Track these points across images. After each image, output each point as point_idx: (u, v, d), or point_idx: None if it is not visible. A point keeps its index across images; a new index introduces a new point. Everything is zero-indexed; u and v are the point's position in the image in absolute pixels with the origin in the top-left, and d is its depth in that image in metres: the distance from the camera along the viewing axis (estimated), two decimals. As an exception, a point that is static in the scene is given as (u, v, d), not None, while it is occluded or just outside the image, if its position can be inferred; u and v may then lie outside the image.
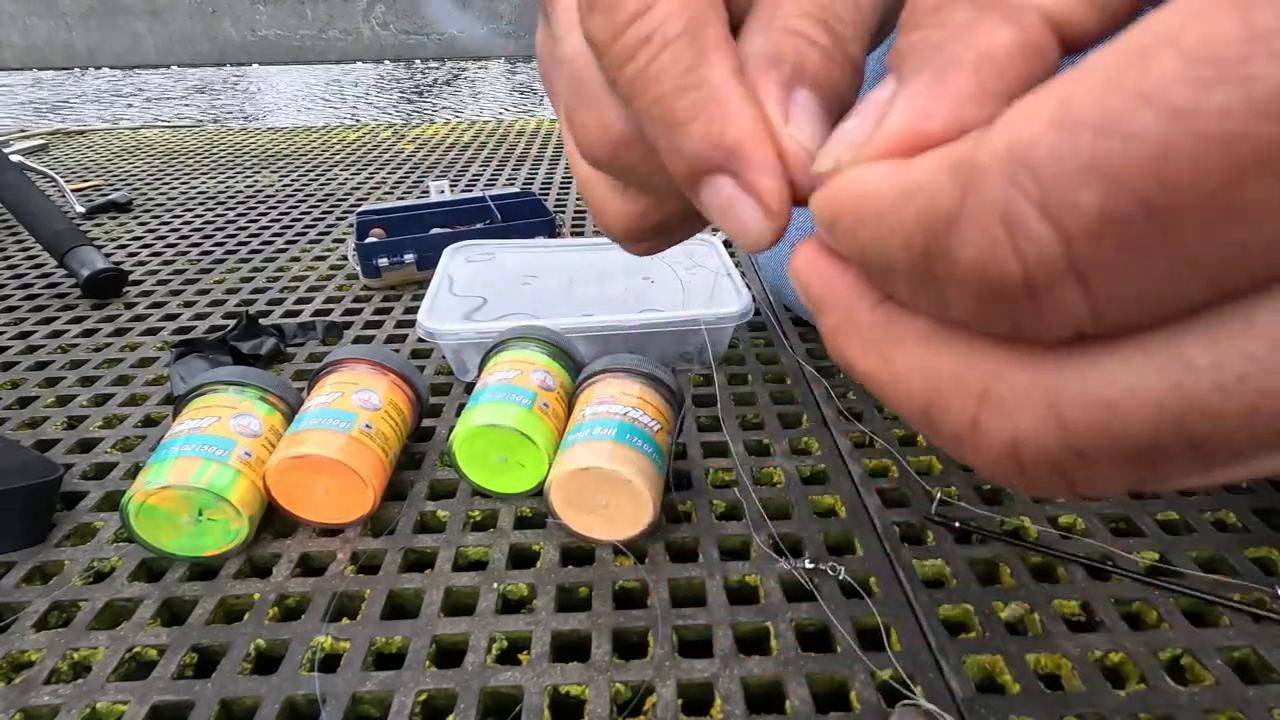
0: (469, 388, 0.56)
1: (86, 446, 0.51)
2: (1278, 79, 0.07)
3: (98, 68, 3.41)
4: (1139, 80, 0.08)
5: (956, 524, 0.41)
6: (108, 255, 0.78)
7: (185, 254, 0.86)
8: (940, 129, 0.10)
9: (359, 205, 1.01)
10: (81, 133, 1.50)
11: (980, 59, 0.10)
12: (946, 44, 0.11)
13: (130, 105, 2.51)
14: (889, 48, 0.12)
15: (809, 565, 0.38)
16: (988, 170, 0.09)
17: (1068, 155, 0.08)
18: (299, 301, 0.72)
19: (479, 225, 0.82)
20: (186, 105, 2.54)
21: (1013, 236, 0.09)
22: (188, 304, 0.73)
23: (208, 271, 0.81)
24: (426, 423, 0.52)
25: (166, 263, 0.83)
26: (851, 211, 0.11)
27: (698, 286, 0.61)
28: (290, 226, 0.94)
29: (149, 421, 0.53)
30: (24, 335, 0.67)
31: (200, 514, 0.39)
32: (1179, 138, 0.08)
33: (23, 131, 1.51)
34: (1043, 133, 0.08)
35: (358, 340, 0.65)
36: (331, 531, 0.42)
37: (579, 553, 0.41)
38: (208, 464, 0.39)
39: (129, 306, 0.72)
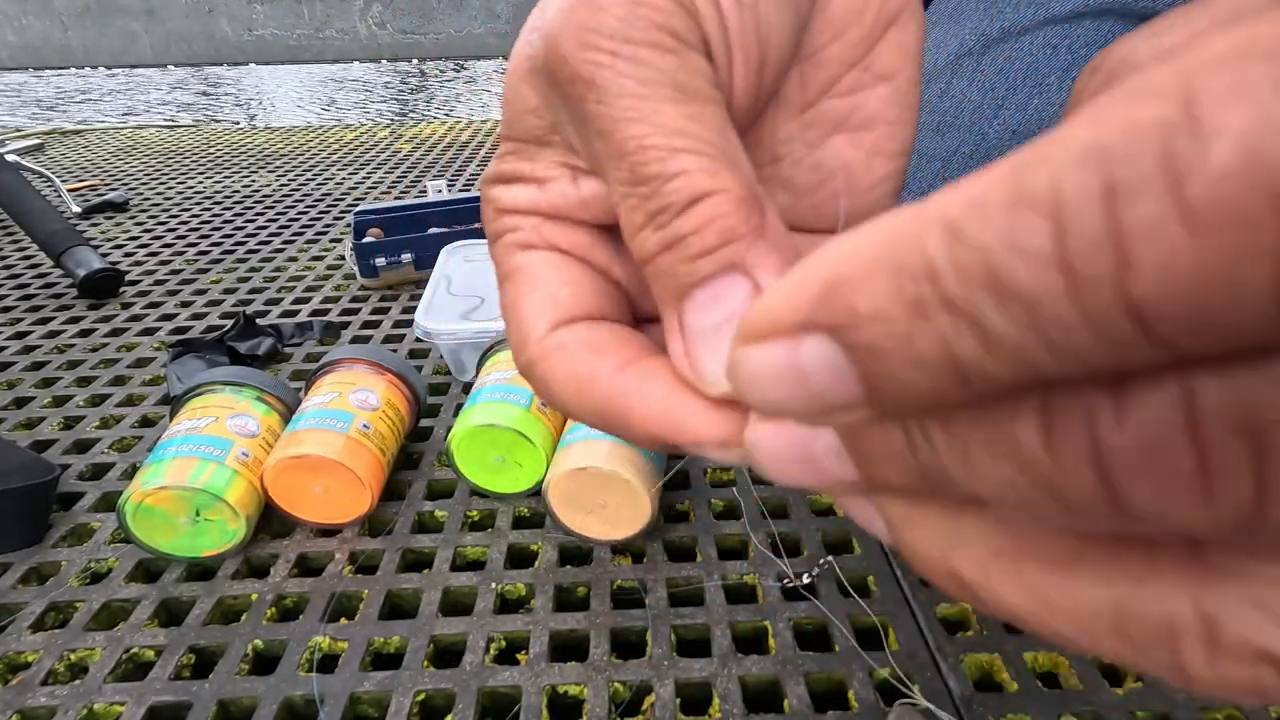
0: (467, 388, 0.56)
1: (83, 447, 0.51)
2: None
3: (94, 67, 3.41)
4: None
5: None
6: (104, 255, 0.78)
7: (182, 254, 0.85)
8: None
9: (356, 205, 1.01)
10: (78, 132, 1.50)
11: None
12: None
13: (127, 105, 2.51)
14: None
15: (806, 580, 0.38)
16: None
17: None
18: (296, 301, 0.72)
19: (477, 225, 0.82)
20: (183, 105, 2.54)
21: None
22: (185, 304, 0.73)
23: (205, 271, 0.80)
24: (424, 423, 0.52)
25: (163, 263, 0.83)
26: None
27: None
28: (287, 226, 0.94)
29: (146, 422, 0.53)
30: (20, 335, 0.67)
31: (197, 514, 0.39)
32: None
33: (18, 131, 1.51)
34: None
35: (355, 340, 0.65)
36: (329, 532, 0.42)
37: (577, 552, 0.41)
38: (205, 464, 0.39)
39: (125, 307, 0.72)
